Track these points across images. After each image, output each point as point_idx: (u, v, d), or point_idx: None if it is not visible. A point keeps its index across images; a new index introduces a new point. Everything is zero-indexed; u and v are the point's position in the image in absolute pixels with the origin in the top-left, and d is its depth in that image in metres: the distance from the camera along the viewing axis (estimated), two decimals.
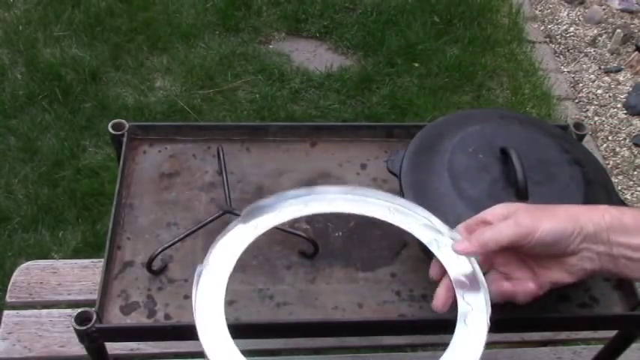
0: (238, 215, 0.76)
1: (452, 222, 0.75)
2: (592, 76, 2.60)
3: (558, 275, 0.69)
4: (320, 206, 0.76)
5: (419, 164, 0.84)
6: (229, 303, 0.80)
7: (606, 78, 2.59)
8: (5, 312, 1.24)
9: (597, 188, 0.82)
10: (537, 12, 2.87)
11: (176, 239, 0.83)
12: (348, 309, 0.81)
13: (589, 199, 0.80)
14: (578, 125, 0.98)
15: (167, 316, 0.79)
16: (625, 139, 2.37)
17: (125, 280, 0.81)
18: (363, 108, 2.32)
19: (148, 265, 0.81)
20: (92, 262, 1.30)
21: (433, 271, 0.72)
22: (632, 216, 0.66)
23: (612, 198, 0.83)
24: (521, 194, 0.78)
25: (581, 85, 2.57)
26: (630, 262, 0.66)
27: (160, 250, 0.81)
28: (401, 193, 0.82)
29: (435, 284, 0.71)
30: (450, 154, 0.83)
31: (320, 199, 0.77)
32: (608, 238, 0.65)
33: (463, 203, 0.79)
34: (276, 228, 0.78)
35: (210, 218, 0.84)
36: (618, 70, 2.60)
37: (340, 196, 0.77)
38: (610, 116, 2.45)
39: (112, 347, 0.91)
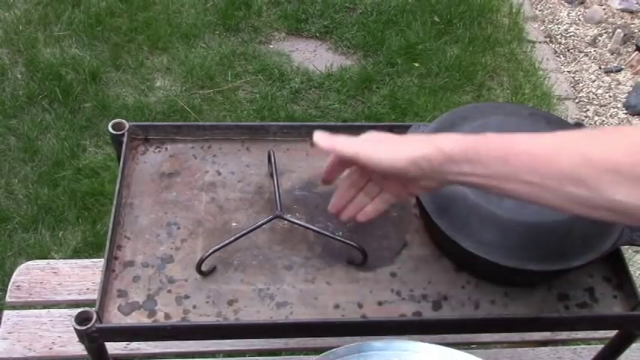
0: (289, 221, 0.75)
1: (448, 196, 0.77)
2: (592, 76, 2.60)
3: (408, 191, 0.74)
4: None
5: None
6: (229, 303, 0.80)
7: (606, 78, 2.58)
8: (5, 312, 1.24)
9: None
10: (537, 12, 2.87)
11: (226, 241, 0.82)
12: (348, 309, 0.81)
13: None
14: (579, 125, 0.98)
15: (167, 316, 0.79)
16: None
17: (125, 280, 0.81)
18: (363, 108, 2.32)
19: (198, 267, 0.81)
20: (92, 262, 1.30)
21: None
22: (484, 148, 0.65)
23: None
24: None
25: (581, 85, 2.57)
26: (479, 185, 0.66)
27: (210, 251, 0.81)
28: None
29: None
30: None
31: None
32: (442, 169, 0.66)
33: (471, 191, 0.79)
34: (323, 234, 0.81)
35: (260, 222, 0.84)
36: (618, 70, 2.60)
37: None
38: (610, 116, 2.45)
39: (112, 347, 0.91)
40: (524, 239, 0.78)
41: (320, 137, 0.72)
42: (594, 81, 2.57)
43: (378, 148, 0.69)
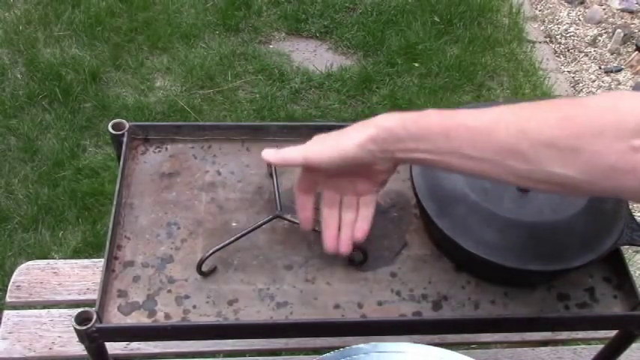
0: (289, 220, 0.75)
1: (449, 196, 0.78)
2: (592, 76, 2.60)
3: (374, 182, 0.75)
4: None
5: None
6: (229, 303, 0.80)
7: (606, 78, 2.59)
8: (5, 312, 1.24)
9: (607, 198, 0.82)
10: (537, 12, 2.87)
11: (227, 242, 0.82)
12: (348, 309, 0.81)
13: (593, 204, 0.80)
14: None
15: (167, 316, 0.79)
16: None
17: (125, 280, 0.81)
18: (364, 108, 2.32)
19: (198, 267, 0.81)
20: (92, 262, 1.30)
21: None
22: (425, 124, 0.65)
23: (621, 210, 0.82)
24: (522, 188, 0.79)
25: (581, 85, 2.57)
26: (426, 161, 0.67)
27: (211, 252, 0.81)
28: (410, 166, 0.84)
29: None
30: None
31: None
32: (388, 147, 0.67)
33: (464, 180, 0.80)
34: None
35: (261, 222, 0.84)
36: (618, 70, 2.60)
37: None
38: None
39: (112, 347, 0.91)
40: (525, 239, 0.78)
41: (268, 153, 0.74)
42: (594, 81, 2.57)
43: (324, 145, 0.70)
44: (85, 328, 0.74)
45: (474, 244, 0.78)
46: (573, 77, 2.59)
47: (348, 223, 0.78)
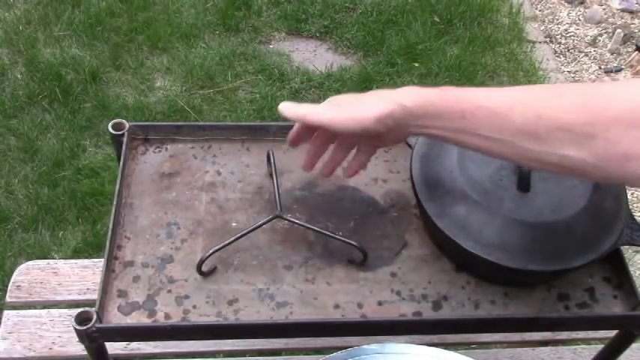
0: (289, 220, 0.75)
1: (449, 196, 0.79)
2: (592, 76, 2.60)
3: (378, 144, 0.77)
4: None
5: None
6: (229, 303, 0.80)
7: (606, 78, 2.58)
8: (5, 312, 1.24)
9: (606, 196, 0.82)
10: (537, 12, 2.87)
11: (227, 242, 0.82)
12: (348, 309, 0.81)
13: (593, 204, 0.80)
14: None
15: (167, 316, 0.79)
16: None
17: (125, 280, 0.81)
18: None
19: (198, 267, 0.81)
20: (92, 262, 1.30)
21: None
22: (442, 103, 0.67)
23: (621, 210, 0.82)
24: (522, 185, 0.79)
25: None
26: (438, 137, 0.68)
27: (211, 252, 0.81)
28: (410, 165, 0.84)
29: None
30: None
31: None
32: (404, 122, 0.68)
33: (464, 180, 0.80)
34: (324, 234, 0.82)
35: (261, 222, 0.84)
36: (618, 70, 2.60)
37: None
38: None
39: (112, 347, 0.91)
40: (525, 239, 0.78)
41: (286, 107, 0.74)
42: (594, 81, 2.57)
43: (341, 111, 0.72)
44: (85, 328, 0.74)
45: (474, 244, 0.78)
46: (573, 77, 2.59)
47: (334, 159, 0.80)
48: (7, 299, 1.23)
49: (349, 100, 0.73)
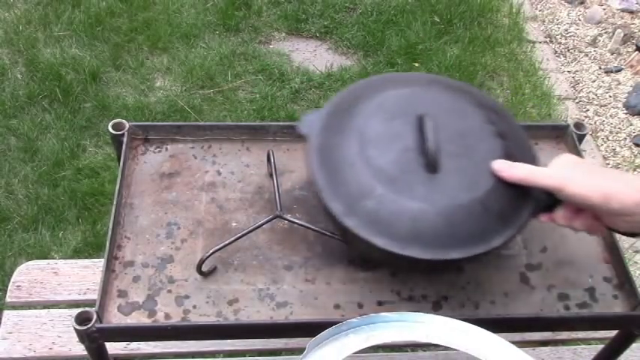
0: (289, 220, 0.75)
1: (354, 191, 0.73)
2: (592, 76, 2.60)
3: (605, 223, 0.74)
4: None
5: (331, 127, 0.79)
6: (229, 303, 0.80)
7: (606, 78, 2.58)
8: (5, 312, 1.24)
9: (516, 162, 0.76)
10: (537, 12, 2.87)
11: (227, 242, 0.82)
12: (348, 309, 0.81)
13: (502, 181, 0.74)
14: (579, 125, 0.98)
15: (167, 316, 0.79)
16: (625, 139, 2.37)
17: (125, 280, 0.81)
18: None
19: (198, 267, 0.81)
20: (92, 262, 1.30)
21: None
22: None
23: None
24: (430, 165, 0.74)
25: (581, 85, 2.57)
26: None
27: (211, 252, 0.81)
28: (308, 157, 0.78)
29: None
30: (363, 118, 0.77)
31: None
32: (634, 211, 0.67)
33: (368, 171, 0.74)
34: (324, 234, 0.81)
35: (261, 222, 0.84)
36: (618, 70, 2.60)
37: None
38: (610, 116, 2.45)
39: (112, 347, 0.91)
40: (440, 226, 0.72)
41: (502, 167, 0.74)
42: (594, 81, 2.57)
43: (590, 181, 0.70)
44: (85, 328, 0.74)
45: (388, 240, 0.72)
46: (573, 77, 2.59)
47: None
48: (7, 299, 1.23)
49: (600, 171, 0.73)
